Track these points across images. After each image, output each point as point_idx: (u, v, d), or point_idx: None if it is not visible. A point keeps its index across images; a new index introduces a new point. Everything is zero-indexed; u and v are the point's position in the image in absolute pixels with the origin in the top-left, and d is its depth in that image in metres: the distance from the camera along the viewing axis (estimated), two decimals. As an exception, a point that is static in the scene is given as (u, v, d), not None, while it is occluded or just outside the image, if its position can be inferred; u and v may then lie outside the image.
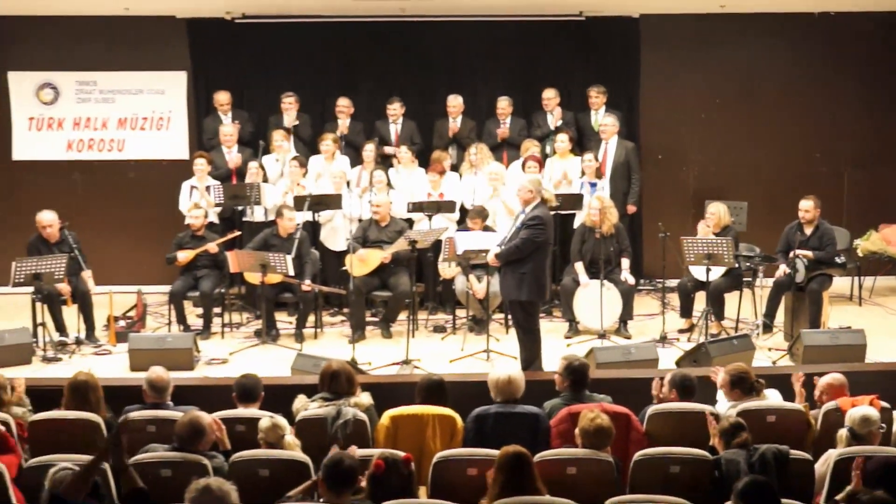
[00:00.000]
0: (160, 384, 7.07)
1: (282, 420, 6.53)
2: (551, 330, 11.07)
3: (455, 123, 12.72)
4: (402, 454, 5.67)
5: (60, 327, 10.78)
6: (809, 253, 10.75)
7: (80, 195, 13.35)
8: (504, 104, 12.70)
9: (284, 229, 11.13)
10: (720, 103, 13.53)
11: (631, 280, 11.14)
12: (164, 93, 13.46)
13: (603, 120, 12.36)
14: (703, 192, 13.20)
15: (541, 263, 9.09)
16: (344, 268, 11.42)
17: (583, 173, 11.94)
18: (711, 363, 8.90)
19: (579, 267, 11.17)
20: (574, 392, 7.07)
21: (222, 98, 12.80)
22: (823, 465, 6.31)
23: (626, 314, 11.10)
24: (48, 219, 10.90)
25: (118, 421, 6.91)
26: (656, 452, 6.31)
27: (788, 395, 7.44)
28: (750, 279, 11.27)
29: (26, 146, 13.45)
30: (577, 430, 6.33)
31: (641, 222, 12.96)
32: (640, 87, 13.32)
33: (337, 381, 7.02)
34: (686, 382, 7.16)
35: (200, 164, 12.05)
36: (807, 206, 10.88)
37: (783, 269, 10.86)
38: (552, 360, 8.74)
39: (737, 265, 10.83)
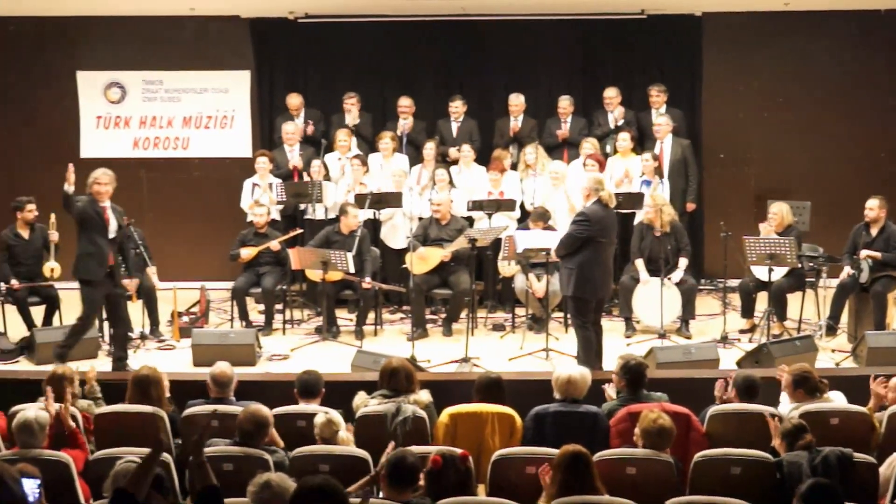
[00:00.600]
0: (224, 379, 7.11)
1: (336, 416, 6.54)
2: (610, 329, 10.99)
3: (516, 122, 12.67)
4: (459, 451, 5.65)
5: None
6: (877, 254, 10.54)
7: (145, 193, 13.49)
8: (565, 103, 12.65)
9: (347, 227, 11.16)
10: (783, 102, 13.34)
11: (690, 280, 11.03)
12: (228, 92, 13.56)
13: (657, 119, 12.25)
14: (765, 191, 13.01)
15: (591, 260, 9.03)
16: (404, 266, 11.42)
17: (643, 172, 11.85)
18: (773, 364, 8.78)
19: (639, 264, 11.09)
20: (631, 391, 7.01)
21: (294, 101, 12.87)
22: (889, 468, 6.19)
23: (687, 314, 10.99)
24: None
25: (182, 415, 6.99)
26: (717, 454, 6.23)
27: (854, 397, 7.29)
28: (813, 280, 11.10)
29: (94, 144, 13.61)
30: (637, 430, 6.27)
31: (703, 221, 12.84)
32: (701, 86, 13.18)
33: (396, 379, 7.02)
34: (749, 383, 7.05)
35: (262, 163, 12.13)
36: (872, 205, 10.69)
37: (847, 270, 10.67)
38: (611, 357, 8.70)
39: (800, 265, 10.67)
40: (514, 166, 12.34)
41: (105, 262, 9.40)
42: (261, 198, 11.89)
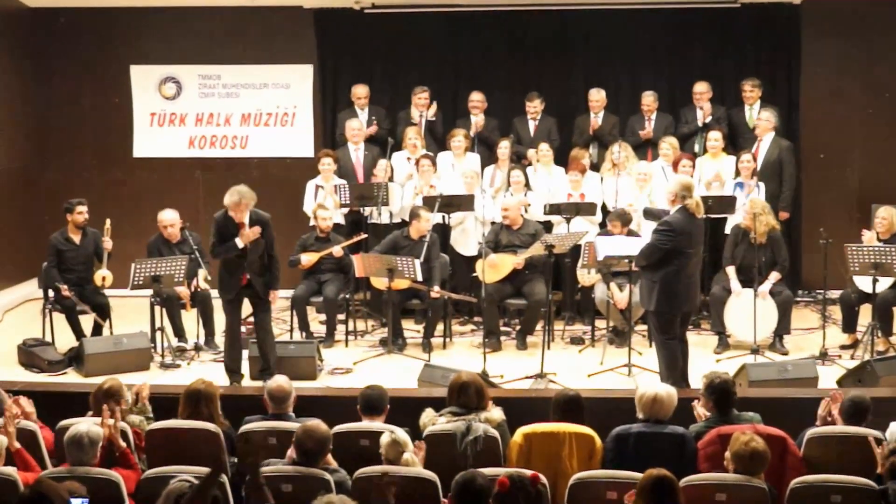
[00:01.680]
0: (281, 394, 7.14)
1: (403, 436, 6.53)
2: (699, 344, 10.90)
3: (596, 119, 12.63)
4: (529, 472, 5.62)
5: (179, 332, 11.02)
6: None
7: (201, 194, 13.65)
8: (649, 99, 12.59)
9: (418, 231, 11.18)
10: (889, 98, 13.13)
11: (786, 292, 10.88)
12: (290, 87, 13.67)
13: (760, 115, 12.13)
14: (868, 194, 12.80)
15: (674, 273, 8.94)
16: (474, 274, 11.42)
17: (737, 174, 11.73)
18: (878, 383, 8.64)
19: (731, 272, 10.98)
20: (720, 412, 6.93)
21: (360, 91, 12.94)
22: None
23: (783, 328, 10.86)
24: (170, 218, 11.16)
25: (238, 432, 7.05)
26: (816, 480, 6.15)
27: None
28: (922, 291, 10.91)
29: (147, 142, 13.81)
30: (728, 454, 6.21)
31: (801, 228, 12.69)
32: (799, 80, 13.02)
33: (467, 395, 7.01)
34: (858, 405, 6.90)
35: (327, 164, 12.18)
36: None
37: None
38: (699, 375, 8.62)
39: (907, 276, 10.50)
40: (594, 167, 12.30)
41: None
42: (325, 201, 11.96)
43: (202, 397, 7.07)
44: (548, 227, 11.82)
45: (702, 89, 12.53)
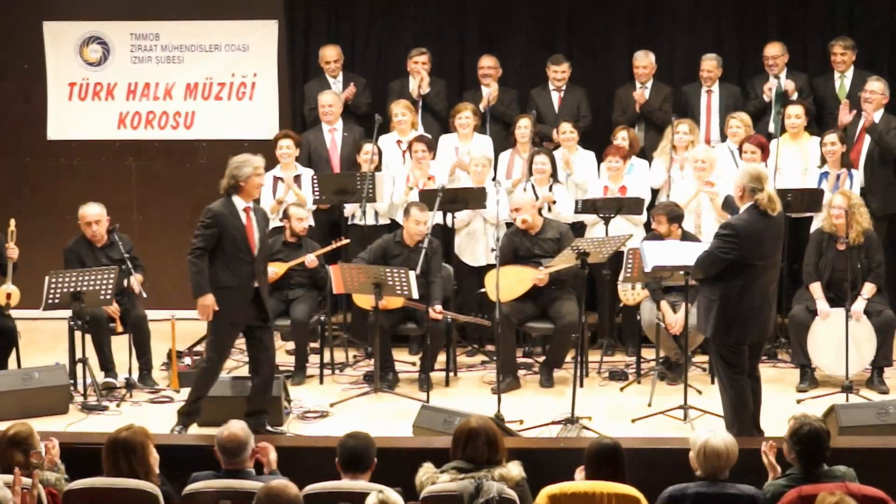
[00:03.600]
0: (234, 445, 7.13)
1: (394, 497, 6.55)
2: (776, 379, 10.92)
3: (643, 90, 12.66)
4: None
5: (107, 364, 11.02)
6: None
7: (134, 187, 13.68)
8: (710, 65, 12.63)
9: (411, 236, 11.20)
10: None
11: (886, 312, 10.91)
12: (248, 49, 13.72)
13: (869, 85, 12.08)
14: None
15: (740, 289, 8.92)
16: (484, 290, 11.43)
17: (823, 161, 11.75)
18: None
19: (816, 289, 11.00)
20: (806, 467, 6.94)
21: (330, 54, 12.99)
22: None
23: (884, 358, 10.88)
24: (94, 213, 11.15)
25: (182, 494, 7.07)
26: (924, 553, 6.17)
27: None
28: None
29: (65, 122, 13.85)
30: (811, 521, 6.22)
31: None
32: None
33: (475, 445, 7.01)
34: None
35: (286, 148, 12.21)
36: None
37: None
38: (775, 420, 8.62)
39: None
40: (641, 152, 12.32)
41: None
42: (286, 197, 11.99)
43: (124, 448, 7.06)
44: (578, 230, 11.85)
45: (776, 52, 12.56)
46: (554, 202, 11.76)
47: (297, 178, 12.16)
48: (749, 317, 8.98)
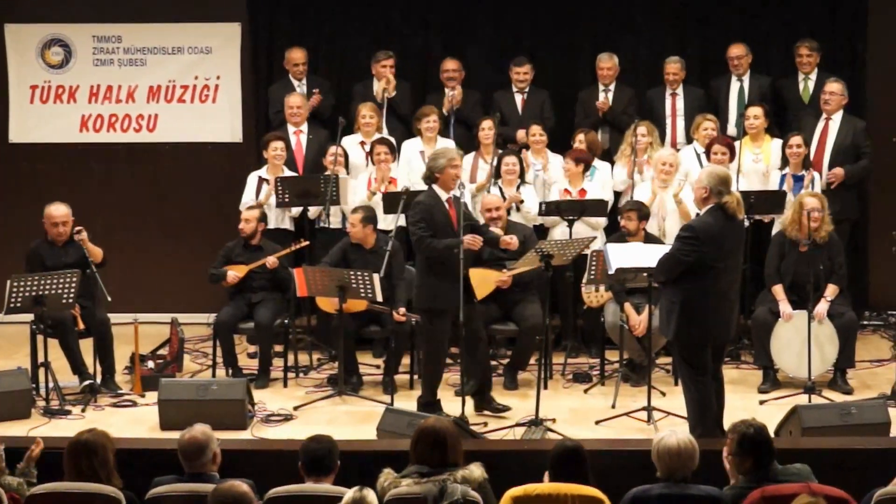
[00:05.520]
0: (194, 448, 7.13)
1: (372, 496, 6.55)
2: (739, 381, 10.95)
3: (607, 93, 12.68)
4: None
5: (78, 367, 10.89)
6: None
7: (96, 191, 13.62)
8: (675, 67, 12.65)
9: (366, 238, 11.21)
10: None
11: (849, 314, 10.95)
12: (211, 52, 13.70)
13: (828, 86, 12.14)
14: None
15: (702, 292, 8.93)
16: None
17: (784, 163, 11.80)
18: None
19: (778, 291, 11.03)
20: (759, 468, 6.95)
21: (297, 56, 12.97)
22: None
23: (846, 360, 10.92)
24: (62, 213, 11.07)
25: (145, 498, 7.05)
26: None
27: None
28: None
29: (27, 125, 13.78)
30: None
31: (867, 232, 12.76)
32: (866, 44, 13.11)
33: (439, 448, 7.01)
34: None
35: (280, 150, 12.17)
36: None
37: None
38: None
39: None
40: (604, 154, 12.34)
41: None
42: (271, 199, 11.97)
43: (85, 451, 7.06)
44: (542, 232, 11.86)
45: (739, 53, 12.60)
46: (522, 202, 11.76)
47: (278, 181, 12.10)
48: (710, 319, 9.01)
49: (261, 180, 12.23)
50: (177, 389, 10.20)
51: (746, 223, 11.45)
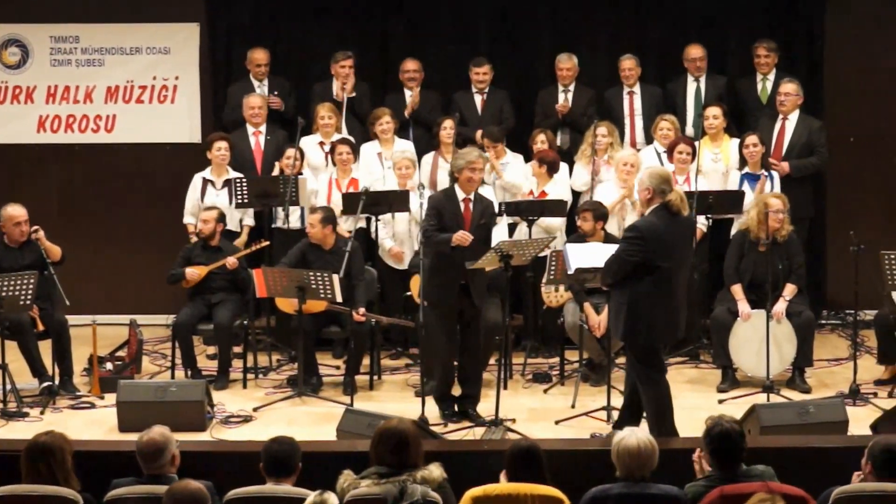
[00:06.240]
0: (152, 449, 7.11)
1: (333, 499, 6.54)
2: (698, 380, 10.99)
3: (567, 94, 12.70)
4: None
5: (38, 370, 10.80)
6: None
7: (54, 191, 13.57)
8: (629, 63, 12.69)
9: (325, 238, 11.20)
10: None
11: (807, 313, 11.01)
12: (170, 52, 13.65)
13: (784, 86, 12.20)
14: (913, 188, 13.05)
15: (648, 292, 8.95)
16: (409, 293, 11.44)
17: (743, 163, 11.84)
18: (923, 428, 8.76)
19: (737, 291, 11.07)
20: (724, 467, 6.98)
21: (259, 57, 12.95)
22: None
23: (804, 359, 10.97)
24: (21, 213, 11.02)
25: (104, 500, 7.02)
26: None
27: None
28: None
29: (-17, 125, 13.73)
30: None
31: (825, 231, 12.82)
32: (823, 44, 13.18)
33: (399, 449, 7.00)
34: (892, 455, 7.02)
35: (224, 150, 12.16)
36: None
37: None
38: (697, 420, 8.68)
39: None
40: (564, 155, 12.36)
41: None
42: (216, 200, 11.94)
43: (43, 452, 7.03)
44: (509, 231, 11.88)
45: (697, 54, 12.65)
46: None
47: (228, 183, 12.08)
48: (659, 319, 9.01)
49: (205, 181, 12.22)
50: (135, 391, 10.16)
51: (706, 224, 11.58)
